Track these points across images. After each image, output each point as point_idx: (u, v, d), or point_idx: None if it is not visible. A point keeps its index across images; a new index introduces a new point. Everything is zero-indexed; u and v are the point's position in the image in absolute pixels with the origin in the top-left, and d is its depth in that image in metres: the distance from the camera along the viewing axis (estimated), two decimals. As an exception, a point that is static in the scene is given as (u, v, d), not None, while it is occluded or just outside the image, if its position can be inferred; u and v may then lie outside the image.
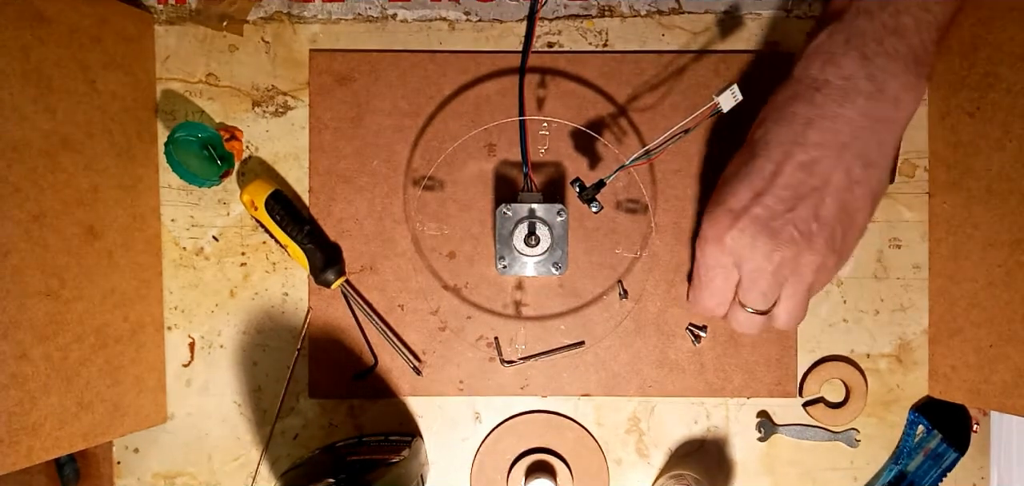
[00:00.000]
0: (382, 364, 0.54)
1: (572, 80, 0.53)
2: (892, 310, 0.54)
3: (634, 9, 0.53)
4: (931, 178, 0.53)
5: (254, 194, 0.51)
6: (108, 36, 0.49)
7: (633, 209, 0.53)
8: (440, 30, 0.54)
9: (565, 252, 0.49)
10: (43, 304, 0.43)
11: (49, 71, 0.44)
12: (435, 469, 0.55)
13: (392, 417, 0.54)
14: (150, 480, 0.55)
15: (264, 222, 0.51)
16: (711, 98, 0.42)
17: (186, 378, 0.54)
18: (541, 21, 0.53)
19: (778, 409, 0.54)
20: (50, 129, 0.44)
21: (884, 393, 0.54)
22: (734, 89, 0.41)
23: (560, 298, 0.54)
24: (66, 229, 0.45)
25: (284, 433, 0.54)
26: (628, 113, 0.53)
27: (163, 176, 0.54)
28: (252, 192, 0.51)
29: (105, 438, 0.48)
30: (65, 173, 0.45)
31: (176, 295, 0.54)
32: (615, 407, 0.54)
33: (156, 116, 0.54)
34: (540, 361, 0.54)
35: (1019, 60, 0.45)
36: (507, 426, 0.54)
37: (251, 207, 0.51)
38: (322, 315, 0.54)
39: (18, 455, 0.41)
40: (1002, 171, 0.47)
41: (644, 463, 0.55)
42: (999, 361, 0.47)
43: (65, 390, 0.45)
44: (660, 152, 0.50)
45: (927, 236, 0.54)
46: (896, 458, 0.54)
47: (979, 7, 0.48)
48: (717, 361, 0.54)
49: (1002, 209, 0.47)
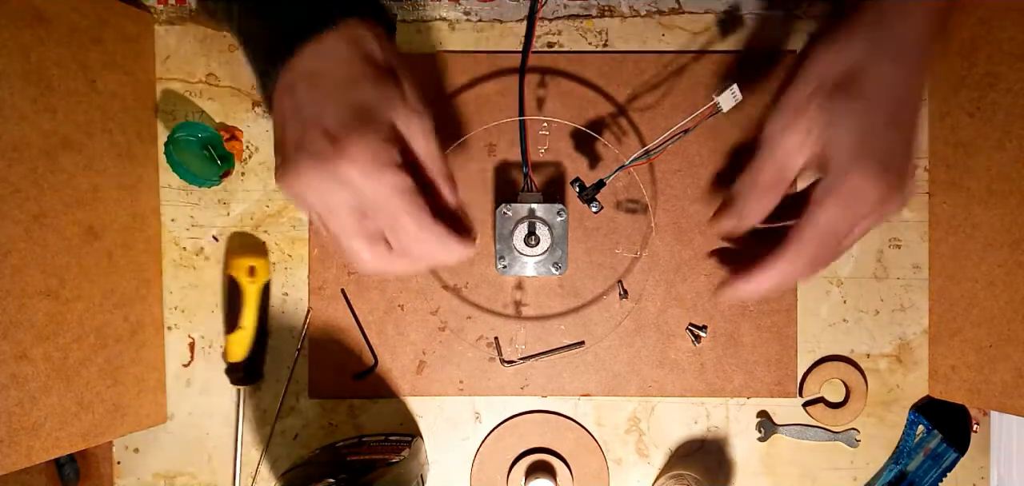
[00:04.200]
0: (382, 364, 0.54)
1: (572, 80, 0.53)
2: (892, 310, 0.54)
3: (634, 9, 0.53)
4: (931, 178, 0.53)
5: (260, 268, 0.52)
6: (108, 36, 0.49)
7: (633, 209, 0.53)
8: (440, 30, 0.54)
9: (565, 252, 0.49)
10: (43, 304, 0.43)
11: (49, 71, 0.44)
12: (435, 469, 0.55)
13: (392, 417, 0.54)
14: (150, 480, 0.55)
15: (244, 291, 0.52)
16: (711, 98, 0.42)
17: (186, 378, 0.54)
18: (541, 21, 0.53)
19: (778, 409, 0.54)
20: (50, 129, 0.44)
21: (884, 393, 0.54)
22: (734, 89, 0.41)
23: (560, 298, 0.54)
24: (66, 229, 0.45)
25: (284, 433, 0.54)
26: (628, 113, 0.53)
27: (163, 176, 0.54)
28: (258, 264, 0.52)
29: (105, 438, 0.48)
30: (65, 173, 0.45)
31: (176, 295, 0.54)
32: (615, 407, 0.54)
33: (156, 116, 0.54)
34: (540, 361, 0.54)
35: (1019, 60, 0.45)
36: (507, 426, 0.54)
37: (247, 272, 0.52)
38: (322, 315, 0.54)
39: (18, 455, 0.41)
40: (1002, 171, 0.47)
41: (644, 463, 0.55)
42: (999, 361, 0.47)
43: (65, 390, 0.45)
44: (660, 152, 0.50)
45: (927, 236, 0.54)
46: (896, 458, 0.54)
47: (979, 7, 0.48)
48: (717, 361, 0.54)
49: (1002, 209, 0.47)
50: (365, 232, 0.35)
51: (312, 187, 0.33)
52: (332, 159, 0.32)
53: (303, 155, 0.33)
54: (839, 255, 0.39)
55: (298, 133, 0.33)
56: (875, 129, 0.37)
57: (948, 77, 0.51)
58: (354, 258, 0.35)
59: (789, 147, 0.38)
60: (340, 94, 0.33)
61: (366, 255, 0.35)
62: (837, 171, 0.36)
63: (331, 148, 0.32)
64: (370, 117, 0.33)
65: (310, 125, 0.33)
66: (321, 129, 0.33)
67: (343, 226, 0.34)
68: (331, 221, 0.34)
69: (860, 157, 0.36)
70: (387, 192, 0.33)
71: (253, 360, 0.52)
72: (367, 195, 0.33)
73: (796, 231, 0.38)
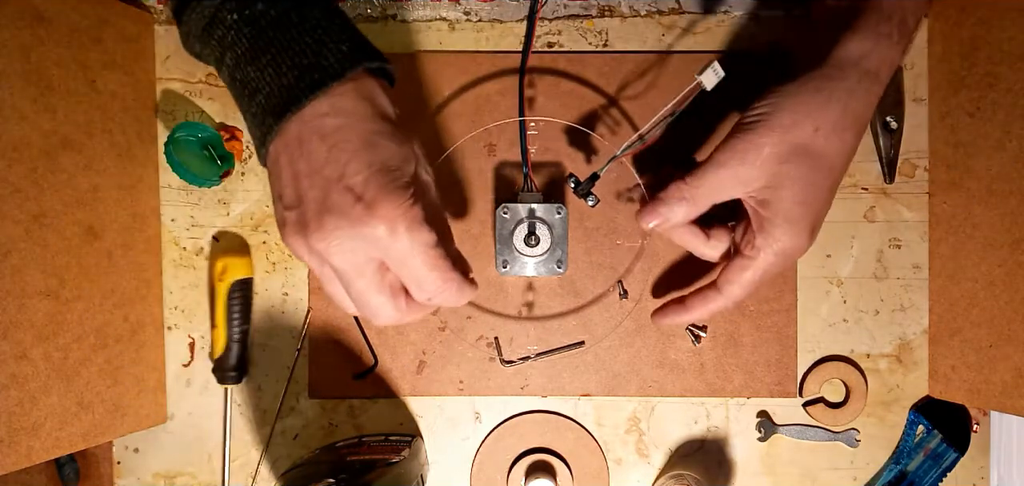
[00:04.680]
0: (382, 364, 0.54)
1: (572, 80, 0.53)
2: (892, 310, 0.54)
3: (634, 9, 0.53)
4: (931, 178, 0.53)
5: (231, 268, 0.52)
6: (108, 36, 0.49)
7: (634, 199, 0.53)
8: (440, 30, 0.54)
9: (565, 252, 0.49)
10: (43, 304, 0.43)
11: (49, 71, 0.44)
12: (435, 469, 0.55)
13: (392, 417, 0.54)
14: (150, 480, 0.55)
15: (216, 291, 0.52)
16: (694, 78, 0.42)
17: (186, 378, 0.54)
18: (541, 21, 0.53)
19: (778, 409, 0.54)
20: (50, 129, 0.44)
21: (884, 393, 0.54)
22: (715, 66, 0.40)
23: (560, 298, 0.54)
24: (66, 229, 0.45)
25: (284, 433, 0.54)
26: (628, 113, 0.53)
27: (163, 176, 0.54)
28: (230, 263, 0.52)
29: (105, 438, 0.48)
30: (65, 173, 0.45)
31: (176, 295, 0.54)
32: (615, 407, 0.54)
33: (156, 116, 0.54)
34: (540, 361, 0.54)
35: (1019, 60, 0.45)
36: (507, 426, 0.54)
37: (219, 273, 0.52)
38: (322, 315, 0.54)
39: (18, 455, 0.41)
40: (1002, 171, 0.47)
41: (644, 463, 0.55)
42: (999, 361, 0.47)
43: (65, 390, 0.45)
44: (651, 139, 0.50)
45: (927, 236, 0.54)
46: (896, 458, 0.54)
47: (979, 7, 0.48)
48: (717, 361, 0.54)
49: (1002, 209, 0.47)
50: (388, 287, 0.35)
51: (341, 248, 0.33)
52: (362, 219, 0.32)
53: (330, 215, 0.32)
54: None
55: (320, 192, 0.32)
56: (818, 197, 0.41)
57: (948, 77, 0.51)
58: (376, 312, 0.35)
59: (731, 182, 0.42)
60: (363, 153, 0.33)
61: (389, 309, 0.35)
62: (773, 224, 0.41)
63: (360, 208, 0.32)
64: (396, 176, 0.33)
65: (333, 184, 0.32)
66: (345, 187, 0.32)
67: (368, 283, 0.34)
68: (356, 280, 0.34)
69: (800, 220, 0.41)
70: (418, 249, 0.33)
71: (234, 359, 0.52)
72: (394, 253, 0.33)
73: (735, 273, 0.44)
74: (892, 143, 0.53)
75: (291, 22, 0.34)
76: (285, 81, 0.33)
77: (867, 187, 0.54)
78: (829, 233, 0.54)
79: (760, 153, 0.40)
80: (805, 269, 0.54)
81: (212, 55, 0.36)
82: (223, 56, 0.35)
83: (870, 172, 0.54)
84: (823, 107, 0.40)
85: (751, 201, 0.42)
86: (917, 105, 0.53)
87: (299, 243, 0.33)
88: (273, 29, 0.34)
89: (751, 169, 0.41)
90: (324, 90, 0.33)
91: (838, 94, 0.40)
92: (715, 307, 0.45)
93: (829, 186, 0.42)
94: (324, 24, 0.34)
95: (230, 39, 0.34)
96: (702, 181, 0.42)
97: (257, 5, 0.34)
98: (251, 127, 0.35)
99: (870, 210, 0.54)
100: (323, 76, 0.33)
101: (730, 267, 0.44)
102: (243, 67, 0.34)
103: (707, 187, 0.42)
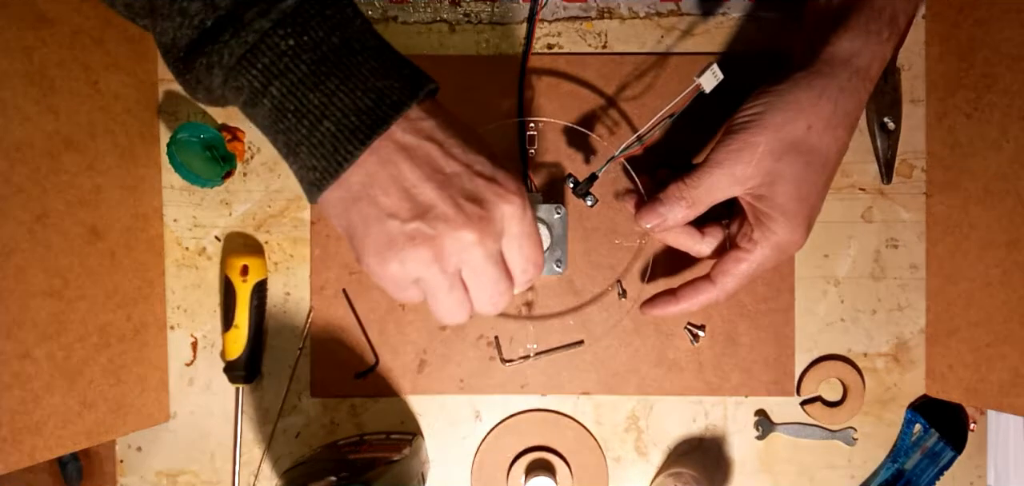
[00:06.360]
0: (383, 363, 0.54)
1: (572, 81, 0.53)
2: (889, 310, 0.54)
3: (633, 11, 0.54)
4: (928, 178, 0.54)
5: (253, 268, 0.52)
6: (110, 37, 0.49)
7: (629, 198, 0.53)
8: (440, 32, 0.54)
9: (565, 251, 0.49)
10: (46, 304, 0.44)
11: (52, 72, 0.44)
12: (436, 467, 0.55)
13: (393, 415, 0.55)
14: (153, 478, 0.55)
15: (237, 291, 0.52)
16: (693, 80, 0.42)
17: (189, 377, 0.55)
18: (541, 23, 0.54)
19: (776, 408, 0.54)
20: (53, 130, 0.44)
21: (881, 392, 0.54)
22: (714, 69, 0.41)
23: (559, 297, 0.54)
24: (69, 229, 0.45)
25: (286, 431, 0.55)
26: (627, 114, 0.53)
27: (165, 176, 0.54)
28: (252, 263, 0.52)
29: (108, 437, 0.48)
30: (68, 174, 0.45)
31: (178, 295, 0.54)
32: (614, 406, 0.55)
33: (158, 117, 0.54)
34: (540, 360, 0.54)
35: (1016, 61, 0.46)
36: (507, 424, 0.55)
37: (240, 272, 0.52)
38: (324, 314, 0.54)
39: (21, 454, 0.42)
40: (999, 171, 0.47)
41: (643, 461, 0.55)
42: (996, 360, 0.48)
43: (68, 389, 0.45)
44: (649, 139, 0.50)
45: (924, 236, 0.54)
46: (893, 456, 0.54)
47: (977, 8, 0.49)
48: (715, 360, 0.54)
49: (999, 209, 0.47)
50: (506, 272, 0.36)
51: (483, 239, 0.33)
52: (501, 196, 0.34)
53: (471, 204, 0.33)
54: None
55: (452, 189, 0.33)
56: (813, 192, 0.42)
57: (945, 78, 0.51)
58: (499, 302, 0.36)
59: (728, 181, 0.42)
60: (473, 141, 0.34)
61: (508, 296, 0.36)
62: (770, 218, 0.42)
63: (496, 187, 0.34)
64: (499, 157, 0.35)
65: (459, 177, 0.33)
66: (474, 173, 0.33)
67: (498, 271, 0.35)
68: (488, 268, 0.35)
69: (796, 214, 0.42)
70: (532, 220, 0.36)
71: (250, 359, 0.53)
72: (517, 229, 0.35)
73: (730, 265, 0.44)
74: (889, 144, 0.53)
75: (353, 48, 0.33)
76: (362, 103, 0.32)
77: (864, 187, 0.54)
78: (827, 233, 0.54)
79: (755, 152, 0.41)
80: (803, 269, 0.54)
81: (246, 88, 0.32)
82: (267, 86, 0.32)
83: (867, 172, 0.54)
84: (815, 104, 0.41)
85: (748, 198, 0.43)
86: (914, 106, 0.54)
87: (423, 252, 0.33)
88: (337, 54, 0.32)
89: (747, 168, 0.41)
90: (408, 106, 0.33)
91: (829, 91, 0.41)
92: (707, 298, 0.46)
93: (823, 181, 0.42)
94: (383, 46, 0.34)
95: (281, 66, 0.32)
96: (700, 182, 0.43)
97: (317, 32, 0.32)
98: (307, 157, 0.32)
99: (867, 210, 0.54)
100: (402, 97, 0.33)
101: (725, 259, 0.45)
102: (300, 94, 0.32)
103: (705, 187, 0.43)
